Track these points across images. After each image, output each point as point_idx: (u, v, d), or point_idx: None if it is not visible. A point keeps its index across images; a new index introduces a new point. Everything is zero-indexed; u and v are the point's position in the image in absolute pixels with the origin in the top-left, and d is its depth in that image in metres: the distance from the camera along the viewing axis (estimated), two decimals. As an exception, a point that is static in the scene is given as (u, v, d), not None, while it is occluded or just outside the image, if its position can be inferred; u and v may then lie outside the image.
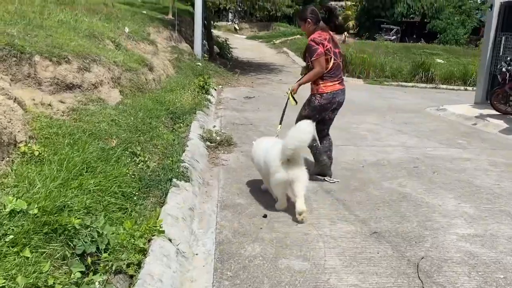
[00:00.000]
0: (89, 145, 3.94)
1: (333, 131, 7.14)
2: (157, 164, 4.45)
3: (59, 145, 3.73)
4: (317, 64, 4.17)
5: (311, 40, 4.17)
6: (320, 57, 4.14)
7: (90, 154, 3.73)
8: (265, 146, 3.86)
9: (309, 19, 4.27)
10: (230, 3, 14.78)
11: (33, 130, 3.88)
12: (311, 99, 4.51)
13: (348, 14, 36.60)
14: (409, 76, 16.31)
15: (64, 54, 5.52)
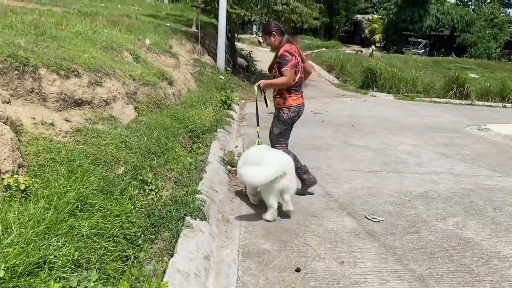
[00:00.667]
0: (91, 174, 3.36)
1: (369, 153, 6.59)
2: (171, 193, 3.85)
3: (54, 174, 3.16)
4: (287, 74, 4.13)
5: (285, 51, 4.16)
6: (292, 69, 4.14)
7: (90, 185, 3.14)
8: (257, 154, 3.94)
9: (274, 32, 4.27)
10: (255, 15, 14.26)
11: (27, 156, 3.33)
12: (279, 114, 4.46)
13: (375, 27, 35.85)
14: (442, 91, 15.40)
15: (74, 67, 5.01)
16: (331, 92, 15.00)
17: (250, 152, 4.20)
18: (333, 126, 8.40)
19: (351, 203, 4.18)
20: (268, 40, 4.35)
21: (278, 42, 4.26)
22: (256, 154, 3.99)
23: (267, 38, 4.36)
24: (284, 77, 4.13)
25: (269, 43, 4.38)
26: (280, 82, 4.19)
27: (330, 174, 5.09)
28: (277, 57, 4.22)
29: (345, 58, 20.35)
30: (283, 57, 4.14)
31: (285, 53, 4.14)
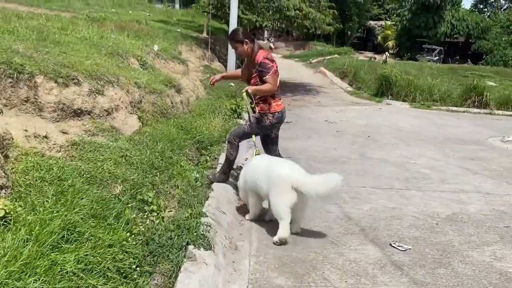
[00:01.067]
0: (83, 195, 3.01)
1: (388, 168, 6.12)
2: (173, 215, 3.48)
3: (41, 197, 2.81)
4: (272, 82, 4.12)
5: (264, 58, 4.12)
6: (275, 75, 4.15)
7: (81, 209, 2.79)
8: (265, 164, 3.72)
9: (246, 40, 4.20)
10: (267, 21, 13.94)
11: (14, 174, 2.99)
12: (261, 119, 4.35)
13: (388, 33, 35.37)
14: (460, 100, 14.87)
15: (74, 75, 4.69)
16: (345, 99, 14.58)
17: (254, 164, 3.90)
18: (349, 136, 7.99)
19: (374, 227, 3.77)
20: (240, 49, 4.25)
21: (250, 50, 4.22)
22: (262, 166, 3.72)
23: (238, 47, 4.25)
24: (269, 84, 4.12)
25: (241, 51, 4.27)
26: (267, 89, 4.15)
27: (348, 192, 4.68)
28: (257, 65, 4.14)
29: (358, 65, 19.89)
30: (264, 65, 4.11)
31: (265, 61, 4.11)
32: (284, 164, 3.67)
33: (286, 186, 3.39)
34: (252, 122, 4.35)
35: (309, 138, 7.66)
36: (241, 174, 4.06)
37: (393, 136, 8.27)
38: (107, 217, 2.90)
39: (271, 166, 3.61)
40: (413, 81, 15.30)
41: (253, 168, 3.84)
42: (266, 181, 3.52)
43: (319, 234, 3.61)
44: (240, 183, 4.02)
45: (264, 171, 3.61)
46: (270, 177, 3.51)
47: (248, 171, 3.87)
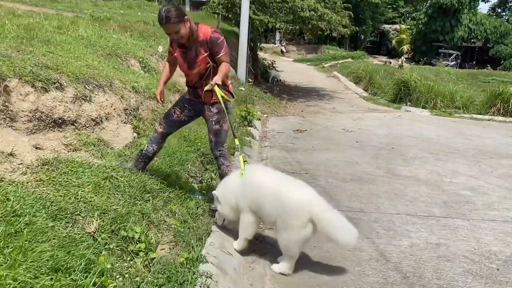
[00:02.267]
0: (44, 236, 2.27)
1: (422, 188, 5.14)
2: (166, 256, 2.74)
3: (-18, 242, 2.08)
4: (228, 59, 3.46)
5: (214, 31, 3.40)
6: (227, 51, 3.45)
7: (37, 260, 2.05)
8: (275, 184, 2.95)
9: (187, 17, 3.29)
10: (280, 22, 13.19)
11: (-47, 208, 2.27)
12: (227, 106, 3.55)
13: (403, 37, 34.39)
14: (484, 107, 14.00)
15: (55, 78, 3.98)
16: (361, 106, 13.77)
17: (257, 181, 3.05)
18: (370, 148, 7.19)
19: (419, 274, 2.98)
20: (183, 30, 3.25)
21: (190, 29, 3.32)
22: (270, 186, 2.96)
23: (181, 28, 3.23)
24: (226, 64, 3.43)
25: (184, 34, 3.26)
26: (227, 70, 3.46)
27: (379, 221, 3.91)
28: (207, 42, 3.34)
29: (374, 70, 19.06)
30: (216, 39, 3.35)
31: (216, 35, 3.37)
32: (303, 189, 2.95)
33: (305, 219, 2.77)
34: (223, 117, 3.55)
35: (327, 150, 6.88)
36: (228, 185, 3.23)
37: (419, 148, 7.45)
38: (72, 269, 2.16)
39: (284, 189, 2.88)
40: (434, 87, 14.47)
41: (256, 185, 3.03)
42: (276, 207, 2.85)
43: (352, 285, 2.83)
44: (225, 196, 3.18)
45: (274, 194, 2.89)
46: (284, 203, 2.82)
47: (248, 187, 3.05)
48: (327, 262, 3.08)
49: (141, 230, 2.84)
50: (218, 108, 3.53)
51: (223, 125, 3.59)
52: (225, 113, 3.53)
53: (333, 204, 4.28)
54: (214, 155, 3.71)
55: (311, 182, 5.02)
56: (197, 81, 3.51)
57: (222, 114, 3.56)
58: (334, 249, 3.32)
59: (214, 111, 3.55)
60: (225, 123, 3.59)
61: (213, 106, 3.54)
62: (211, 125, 3.59)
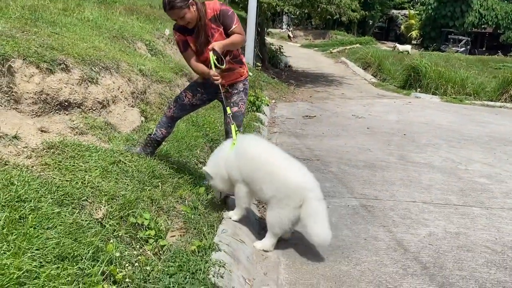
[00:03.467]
0: (50, 223, 2.17)
1: (437, 175, 4.97)
2: (177, 243, 2.63)
3: (-15, 228, 1.97)
4: (241, 31, 3.24)
5: (222, 4, 3.25)
6: (240, 23, 3.25)
7: (42, 247, 1.95)
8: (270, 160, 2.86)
9: (191, 1, 3.11)
10: (288, 5, 12.92)
11: (-45, 192, 2.16)
12: (246, 87, 3.52)
13: (412, 23, 33.84)
14: (495, 94, 13.74)
15: (61, 59, 3.85)
16: (370, 92, 13.55)
17: (252, 153, 2.93)
18: (382, 134, 7.03)
19: (439, 265, 2.86)
20: (189, 15, 3.09)
21: (197, 10, 3.16)
22: (264, 160, 2.86)
23: (186, 13, 3.08)
24: (239, 35, 3.21)
25: (191, 17, 3.11)
26: (238, 41, 3.24)
27: (395, 210, 3.78)
28: (217, 17, 3.19)
29: (383, 55, 18.76)
30: (226, 11, 3.20)
31: (224, 7, 3.22)
32: (301, 171, 2.85)
33: (300, 201, 2.73)
34: (242, 98, 3.48)
35: (338, 136, 6.73)
36: (219, 158, 3.10)
37: (432, 135, 7.28)
38: (79, 257, 2.05)
39: (283, 169, 2.79)
40: (444, 73, 14.21)
41: (251, 160, 2.90)
42: (272, 186, 2.77)
43: (369, 273, 2.71)
44: (216, 170, 3.07)
45: (271, 173, 2.79)
46: (282, 183, 2.74)
47: (242, 161, 2.93)
48: (343, 252, 2.96)
49: (150, 217, 2.74)
50: (237, 88, 3.46)
51: (241, 107, 3.50)
52: (245, 94, 3.46)
53: (347, 191, 4.21)
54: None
55: (322, 168, 4.91)
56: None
57: (241, 95, 3.48)
58: (349, 237, 3.20)
59: (233, 91, 3.47)
60: (243, 105, 3.52)
61: (231, 87, 3.45)
62: (227, 105, 3.39)
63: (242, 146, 2.99)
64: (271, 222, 2.83)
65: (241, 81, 3.47)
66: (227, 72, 3.36)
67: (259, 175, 2.82)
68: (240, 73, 3.45)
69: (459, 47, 28.95)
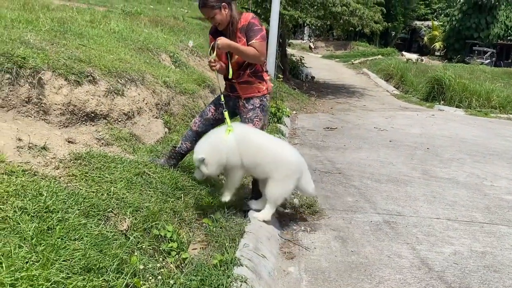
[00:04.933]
0: (76, 234, 2.21)
1: (462, 192, 4.86)
2: (198, 256, 2.65)
3: (16, 238, 2.02)
4: (259, 48, 3.20)
5: (254, 17, 3.25)
6: (264, 41, 3.23)
7: (69, 259, 1.99)
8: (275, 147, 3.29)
9: (224, 3, 3.17)
10: (310, 18, 12.96)
11: (-13, 202, 2.22)
12: (264, 104, 3.47)
13: (435, 34, 33.44)
14: (522, 107, 13.47)
15: (88, 71, 3.94)
16: (392, 104, 13.42)
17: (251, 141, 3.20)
18: (404, 148, 6.94)
19: (465, 285, 2.79)
20: (219, 16, 3.18)
21: (229, 16, 3.22)
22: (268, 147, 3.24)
23: (216, 14, 3.16)
24: (252, 49, 3.18)
25: (221, 20, 3.19)
26: (248, 53, 3.19)
27: (419, 226, 3.71)
28: (244, 28, 3.22)
29: (405, 67, 18.59)
30: (252, 25, 3.20)
31: (254, 21, 3.22)
32: (296, 152, 3.43)
33: (299, 175, 3.33)
34: (257, 114, 3.45)
35: (360, 148, 6.68)
36: (216, 144, 3.14)
37: (456, 149, 7.15)
38: (104, 269, 2.08)
39: (286, 151, 3.31)
40: (469, 86, 13.99)
41: (255, 144, 3.18)
42: (275, 165, 3.17)
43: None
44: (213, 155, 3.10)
45: (275, 155, 3.20)
46: (285, 163, 3.23)
47: (245, 146, 3.14)
48: (366, 269, 2.92)
49: (173, 229, 2.76)
50: (253, 104, 3.43)
51: (256, 124, 3.44)
52: (262, 111, 3.44)
53: (369, 206, 4.17)
54: None
55: (344, 182, 4.87)
56: (235, 71, 3.37)
57: (256, 111, 3.44)
58: (372, 254, 3.16)
59: (248, 107, 3.44)
60: (258, 122, 3.46)
61: (248, 102, 3.43)
62: (244, 122, 3.48)
63: (243, 134, 3.18)
64: (274, 195, 3.24)
65: (258, 96, 3.42)
66: (245, 85, 3.39)
67: (264, 159, 3.16)
68: (258, 88, 3.42)
69: (484, 59, 28.48)
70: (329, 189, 4.60)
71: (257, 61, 3.31)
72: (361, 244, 3.28)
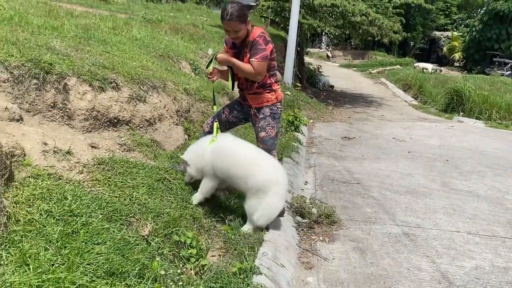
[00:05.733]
0: (99, 238, 2.25)
1: (482, 205, 4.80)
2: (217, 263, 2.66)
3: (42, 241, 2.07)
4: (257, 67, 3.22)
5: (260, 35, 3.23)
6: (263, 61, 3.24)
7: (92, 262, 2.02)
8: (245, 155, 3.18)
9: (248, 20, 3.24)
10: (329, 27, 12.98)
11: (14, 205, 2.28)
12: (274, 112, 3.49)
13: (455, 45, 33.10)
14: (544, 120, 13.21)
15: (112, 77, 4.01)
16: (410, 114, 13.31)
17: (229, 149, 3.23)
18: (423, 159, 6.87)
19: (487, 302, 2.75)
20: (243, 31, 3.21)
21: (246, 29, 3.25)
22: (243, 155, 3.17)
23: (241, 29, 3.19)
24: (250, 67, 3.23)
25: (243, 34, 3.23)
26: (245, 70, 3.26)
27: (439, 239, 3.67)
28: (250, 43, 3.25)
29: (424, 77, 18.44)
30: (256, 43, 3.22)
31: (258, 39, 3.22)
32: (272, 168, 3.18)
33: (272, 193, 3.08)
34: (269, 123, 3.48)
35: (378, 159, 6.63)
36: (198, 150, 3.32)
37: (476, 162, 7.05)
38: (127, 273, 2.11)
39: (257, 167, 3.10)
40: (489, 97, 13.80)
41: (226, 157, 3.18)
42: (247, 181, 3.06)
43: (411, 305, 2.65)
44: (193, 160, 3.30)
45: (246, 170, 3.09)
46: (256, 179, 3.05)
47: (218, 158, 3.18)
48: (385, 281, 2.90)
49: (192, 235, 2.78)
50: (263, 113, 3.48)
51: (270, 132, 3.48)
52: (274, 119, 3.46)
53: (388, 217, 4.13)
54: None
55: (363, 193, 4.84)
56: (243, 82, 3.48)
57: (267, 120, 3.48)
58: (391, 266, 3.13)
59: (260, 116, 3.49)
60: (272, 129, 3.49)
61: (259, 111, 3.48)
62: (257, 131, 3.55)
63: (221, 146, 3.22)
64: (250, 209, 3.09)
65: (267, 106, 3.46)
66: (254, 95, 3.47)
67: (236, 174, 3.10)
68: (267, 98, 3.45)
69: (504, 71, 28.04)
70: (348, 199, 4.58)
71: (253, 79, 3.34)
72: (380, 256, 3.25)
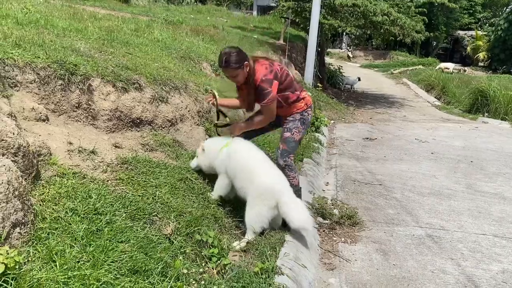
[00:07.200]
0: (123, 236, 2.28)
1: (509, 208, 5.16)
2: (239, 263, 2.66)
3: (67, 238, 2.10)
4: (266, 112, 3.38)
5: (262, 80, 3.26)
6: (273, 103, 3.32)
7: (117, 260, 2.05)
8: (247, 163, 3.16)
9: (246, 62, 3.27)
10: (350, 27, 12.87)
11: (40, 203, 2.33)
12: (304, 118, 3.59)
13: (479, 44, 32.38)
14: None
15: (135, 79, 4.07)
16: (433, 115, 13.08)
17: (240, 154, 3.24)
18: (447, 161, 6.74)
19: (515, 306, 2.68)
20: (241, 76, 3.30)
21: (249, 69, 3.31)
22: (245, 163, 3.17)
23: (239, 74, 3.28)
24: (261, 117, 3.45)
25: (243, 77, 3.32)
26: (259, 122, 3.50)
27: (464, 242, 3.59)
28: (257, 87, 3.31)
29: (447, 77, 18.11)
30: (261, 88, 3.28)
31: (262, 84, 3.27)
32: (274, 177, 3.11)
33: (273, 204, 2.97)
34: (297, 126, 3.54)
35: (401, 160, 6.54)
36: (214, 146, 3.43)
37: (502, 163, 6.88)
38: (150, 271, 2.13)
39: (258, 175, 3.05)
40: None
41: (236, 162, 3.21)
42: (249, 188, 3.03)
43: (436, 309, 2.60)
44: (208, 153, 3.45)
45: (249, 177, 3.07)
46: (257, 188, 3.00)
47: (228, 160, 3.24)
48: (409, 284, 2.85)
49: (214, 235, 2.79)
50: (293, 117, 3.56)
51: (295, 135, 3.55)
52: (303, 124, 3.55)
53: (412, 219, 4.07)
54: (279, 165, 3.46)
55: (385, 194, 4.78)
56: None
57: (296, 123, 3.55)
58: (415, 268, 3.08)
59: (289, 118, 3.58)
60: (298, 133, 3.55)
61: (290, 115, 3.56)
62: (282, 131, 3.61)
63: (234, 151, 3.26)
64: (249, 217, 3.00)
65: (298, 112, 3.56)
66: (283, 109, 3.53)
67: (242, 179, 3.09)
68: (296, 107, 3.55)
69: (531, 70, 27.34)
70: (370, 200, 4.53)
71: (268, 122, 3.49)
72: (403, 258, 3.21)
